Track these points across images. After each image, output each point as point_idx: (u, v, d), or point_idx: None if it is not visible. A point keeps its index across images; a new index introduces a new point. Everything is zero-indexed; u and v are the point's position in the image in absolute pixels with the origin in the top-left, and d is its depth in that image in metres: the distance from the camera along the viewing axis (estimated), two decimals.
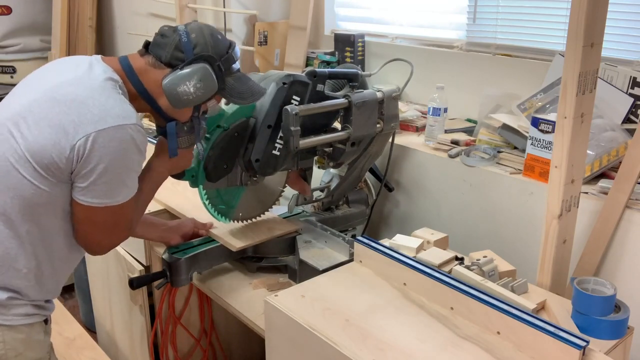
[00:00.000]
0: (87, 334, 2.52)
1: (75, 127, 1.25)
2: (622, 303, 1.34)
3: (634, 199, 1.60)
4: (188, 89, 1.37)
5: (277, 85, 1.59)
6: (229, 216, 1.78)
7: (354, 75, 1.77)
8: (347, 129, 1.73)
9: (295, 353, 1.40)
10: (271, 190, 1.88)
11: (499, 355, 1.23)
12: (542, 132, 1.75)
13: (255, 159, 1.61)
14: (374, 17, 2.87)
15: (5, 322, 1.33)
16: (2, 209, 1.29)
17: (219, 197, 1.73)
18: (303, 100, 1.64)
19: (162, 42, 1.40)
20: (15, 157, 1.27)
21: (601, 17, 1.35)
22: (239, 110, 1.59)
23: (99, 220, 1.35)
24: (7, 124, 1.30)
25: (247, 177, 1.70)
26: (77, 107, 1.26)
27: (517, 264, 1.57)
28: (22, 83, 1.43)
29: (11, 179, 1.28)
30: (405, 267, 1.48)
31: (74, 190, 1.31)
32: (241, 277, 1.83)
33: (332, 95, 1.72)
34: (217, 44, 1.41)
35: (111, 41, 4.16)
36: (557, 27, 2.12)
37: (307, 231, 1.85)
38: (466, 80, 2.36)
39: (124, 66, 1.40)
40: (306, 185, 1.86)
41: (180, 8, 2.99)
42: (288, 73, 1.62)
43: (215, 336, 2.28)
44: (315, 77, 1.67)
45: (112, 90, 1.32)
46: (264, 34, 2.93)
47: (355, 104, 1.70)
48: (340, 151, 1.75)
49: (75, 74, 1.34)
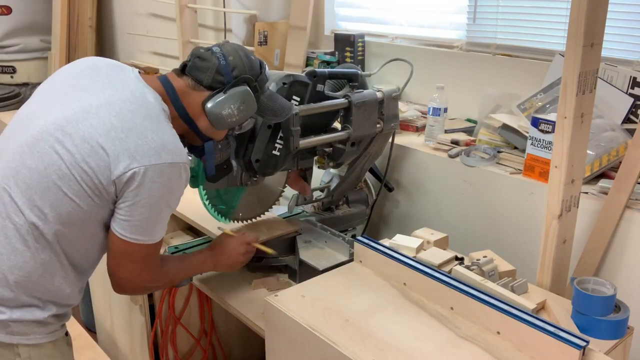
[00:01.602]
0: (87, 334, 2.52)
1: (131, 156, 1.24)
2: (622, 303, 1.34)
3: (634, 199, 1.60)
4: (232, 112, 1.40)
5: (277, 86, 1.60)
6: (229, 216, 1.78)
7: (353, 75, 1.77)
8: (347, 129, 1.73)
9: (295, 353, 1.40)
10: (271, 191, 1.88)
11: (499, 355, 1.23)
12: (542, 132, 1.75)
13: (255, 159, 1.61)
14: (374, 17, 2.87)
15: (29, 341, 1.31)
16: (36, 223, 1.26)
17: (219, 197, 1.73)
18: (303, 100, 1.65)
19: (201, 66, 1.39)
20: (59, 174, 1.24)
21: (601, 17, 1.35)
22: None
23: (132, 254, 1.35)
24: (49, 138, 1.26)
25: (247, 177, 1.70)
26: (135, 137, 1.25)
27: (517, 264, 1.57)
28: (59, 81, 1.39)
29: (50, 196, 1.25)
30: (405, 267, 1.48)
31: (114, 222, 1.31)
32: (241, 277, 1.83)
33: (332, 95, 1.72)
34: (252, 65, 1.43)
35: (111, 41, 4.17)
36: (557, 27, 2.12)
37: (307, 231, 1.86)
38: (466, 80, 2.36)
39: (166, 88, 1.39)
40: (306, 185, 1.86)
41: (180, 8, 2.99)
42: (288, 73, 1.63)
43: (215, 336, 2.28)
44: (315, 77, 1.67)
45: (167, 124, 1.33)
46: (264, 34, 2.93)
47: (355, 104, 1.70)
48: (340, 151, 1.76)
49: (129, 94, 1.31)
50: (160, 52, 3.61)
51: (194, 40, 3.06)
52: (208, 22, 3.15)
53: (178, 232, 2.07)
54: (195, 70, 1.40)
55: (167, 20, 3.37)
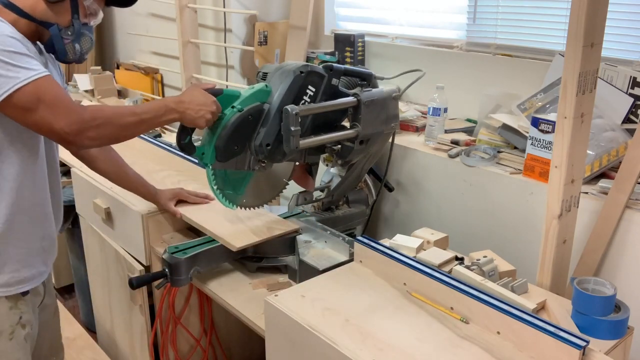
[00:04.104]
0: (87, 334, 2.53)
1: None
2: (622, 303, 1.34)
3: (634, 199, 1.60)
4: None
5: (295, 74, 1.61)
6: (236, 202, 1.77)
7: (367, 75, 1.80)
8: (356, 127, 1.74)
9: (295, 353, 1.40)
10: (277, 180, 1.88)
11: (499, 355, 1.23)
12: (542, 132, 1.75)
13: (266, 144, 1.62)
14: (374, 17, 2.87)
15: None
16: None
17: (227, 181, 1.73)
18: (318, 91, 1.66)
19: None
20: None
21: (601, 17, 1.35)
22: (255, 94, 1.61)
23: (27, 104, 1.32)
24: None
25: (256, 162, 1.70)
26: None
27: (517, 264, 1.57)
28: None
29: None
30: (405, 267, 1.48)
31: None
32: (241, 277, 1.83)
33: (345, 91, 1.74)
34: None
35: (111, 41, 4.17)
36: (557, 27, 2.12)
37: (307, 231, 1.85)
38: (466, 80, 2.36)
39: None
40: (311, 180, 1.87)
41: (180, 8, 2.99)
42: (305, 63, 1.64)
43: (215, 336, 2.28)
44: (331, 71, 1.68)
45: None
46: (264, 34, 2.93)
47: (364, 102, 1.72)
48: (349, 149, 1.77)
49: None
50: (160, 52, 3.61)
51: (194, 40, 3.06)
52: (208, 22, 3.16)
53: (178, 232, 2.07)
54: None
55: (167, 20, 3.38)
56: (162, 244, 2.00)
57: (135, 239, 2.03)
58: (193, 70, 3.12)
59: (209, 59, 3.23)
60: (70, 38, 1.50)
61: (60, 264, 3.30)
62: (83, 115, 1.37)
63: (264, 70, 1.69)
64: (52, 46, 1.50)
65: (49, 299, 1.70)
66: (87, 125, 1.37)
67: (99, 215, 2.21)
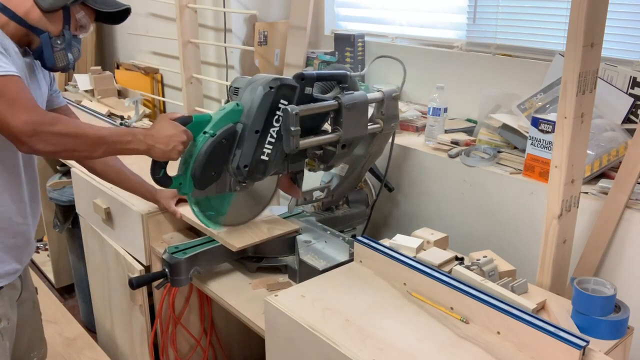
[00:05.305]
0: (87, 334, 2.53)
1: None
2: (622, 303, 1.34)
3: (634, 199, 1.60)
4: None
5: (264, 90, 1.56)
6: (219, 222, 1.77)
7: (342, 76, 1.74)
8: (338, 131, 1.71)
9: (295, 353, 1.40)
10: (261, 195, 1.87)
11: (499, 355, 1.23)
12: (542, 132, 1.75)
13: (243, 165, 1.59)
14: (374, 17, 2.87)
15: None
16: None
17: (208, 204, 1.72)
18: (291, 103, 1.61)
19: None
20: None
21: (601, 17, 1.35)
22: (226, 116, 1.57)
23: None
24: None
25: (236, 183, 1.68)
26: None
27: (517, 264, 1.57)
28: None
29: None
30: (405, 267, 1.48)
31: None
32: (241, 277, 1.83)
33: (320, 97, 1.70)
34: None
35: (111, 41, 4.17)
36: (557, 27, 2.12)
37: (307, 231, 1.86)
38: (466, 80, 2.36)
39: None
40: (297, 189, 1.84)
41: (180, 8, 2.99)
42: (275, 77, 1.59)
43: (215, 336, 2.28)
44: (302, 80, 1.63)
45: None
46: (264, 34, 2.93)
47: (346, 106, 1.69)
48: (331, 153, 1.74)
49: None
50: (160, 52, 3.61)
51: (194, 40, 3.06)
52: (208, 22, 3.16)
53: (178, 232, 2.07)
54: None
55: (167, 20, 3.38)
56: (162, 244, 2.00)
57: (135, 239, 2.04)
58: (193, 70, 3.12)
59: (209, 59, 3.23)
60: (59, 47, 1.55)
61: (60, 264, 3.31)
62: (43, 117, 1.37)
63: (235, 85, 1.65)
64: (41, 53, 1.53)
65: (26, 293, 1.71)
66: (44, 128, 1.36)
67: (99, 215, 2.21)
